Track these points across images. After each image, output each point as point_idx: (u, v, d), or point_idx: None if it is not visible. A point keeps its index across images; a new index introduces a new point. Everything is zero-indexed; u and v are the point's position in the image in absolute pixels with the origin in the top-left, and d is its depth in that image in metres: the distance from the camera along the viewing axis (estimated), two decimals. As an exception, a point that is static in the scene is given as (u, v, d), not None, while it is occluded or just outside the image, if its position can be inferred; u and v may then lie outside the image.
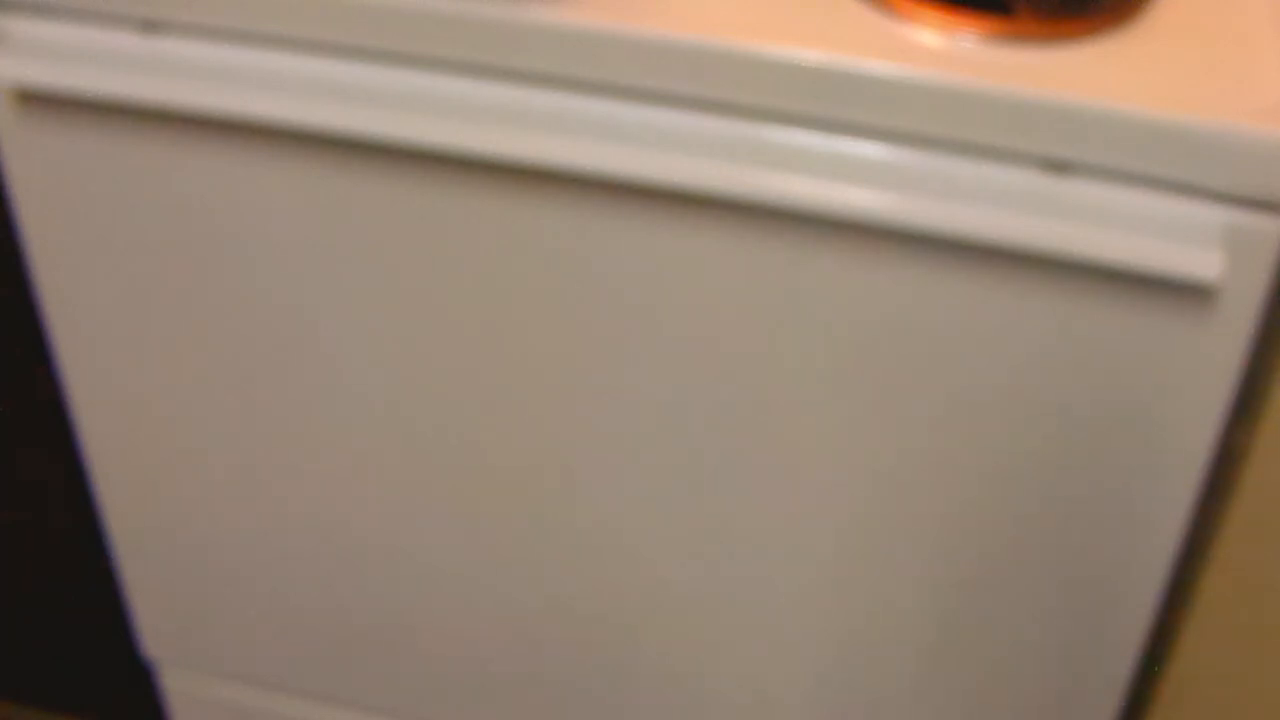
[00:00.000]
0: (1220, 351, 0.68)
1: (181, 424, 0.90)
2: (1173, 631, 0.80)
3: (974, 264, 0.69)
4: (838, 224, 0.69)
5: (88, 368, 0.89)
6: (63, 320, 0.87)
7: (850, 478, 0.78)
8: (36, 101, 0.77)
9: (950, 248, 0.69)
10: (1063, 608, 0.81)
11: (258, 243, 0.79)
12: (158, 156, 0.77)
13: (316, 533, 0.93)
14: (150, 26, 0.74)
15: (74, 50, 0.75)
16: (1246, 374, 0.71)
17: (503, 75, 0.70)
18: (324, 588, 0.96)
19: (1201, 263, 0.64)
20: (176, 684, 1.09)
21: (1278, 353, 0.68)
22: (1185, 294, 0.67)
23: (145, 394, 0.89)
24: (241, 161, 0.76)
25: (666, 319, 0.75)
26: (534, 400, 0.81)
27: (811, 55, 0.65)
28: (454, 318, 0.79)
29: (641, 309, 0.75)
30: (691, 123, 0.69)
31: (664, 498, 0.83)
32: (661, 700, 0.95)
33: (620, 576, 0.88)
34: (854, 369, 0.74)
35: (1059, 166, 0.66)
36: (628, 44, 0.67)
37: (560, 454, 0.83)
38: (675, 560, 0.86)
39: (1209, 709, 0.81)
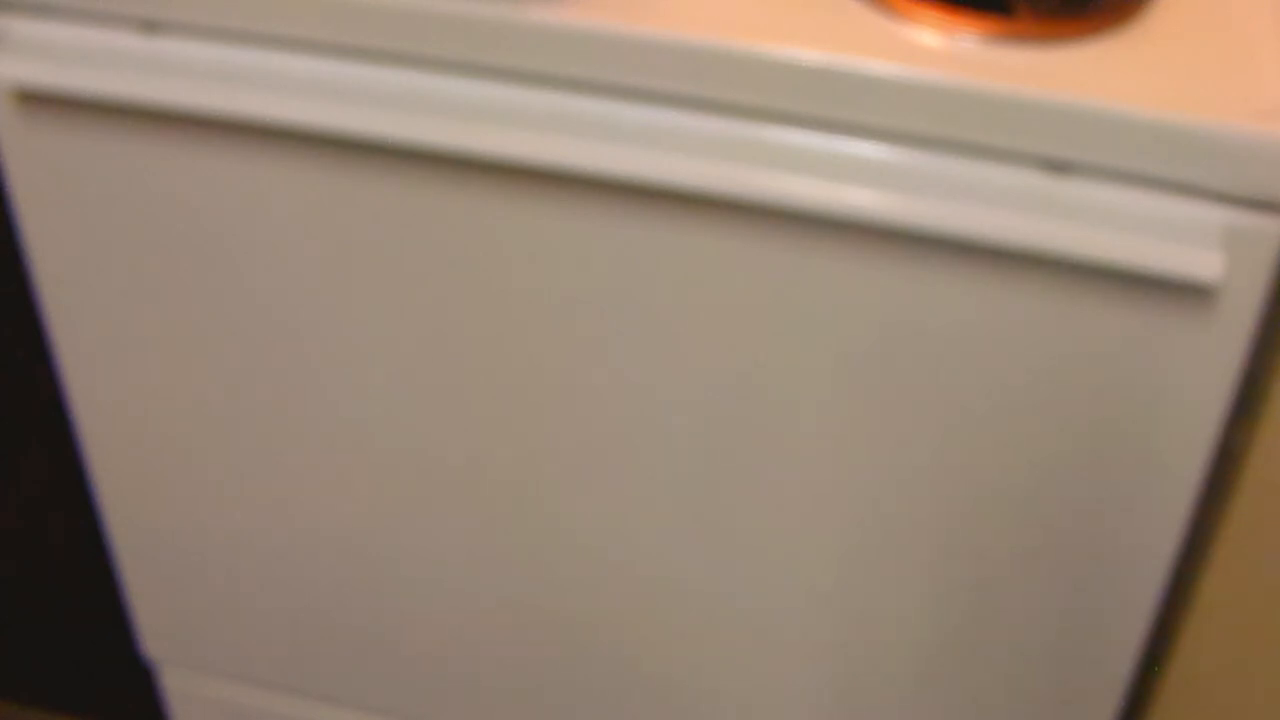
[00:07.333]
0: (1220, 351, 0.68)
1: (181, 425, 0.90)
2: (1173, 631, 0.80)
3: (974, 264, 0.69)
4: (837, 224, 0.69)
5: (88, 368, 0.89)
6: (63, 320, 0.87)
7: (850, 475, 0.78)
8: (36, 101, 0.77)
9: (950, 248, 0.68)
10: (1063, 608, 0.80)
11: (257, 242, 0.79)
12: (158, 156, 0.77)
13: (316, 533, 0.93)
14: (150, 26, 0.74)
15: (74, 50, 0.75)
16: (1246, 374, 0.71)
17: (503, 75, 0.70)
18: (324, 588, 0.96)
19: (1201, 263, 0.64)
20: (176, 684, 1.09)
21: (1278, 353, 0.68)
22: (1185, 294, 0.67)
23: (145, 394, 0.89)
24: (241, 161, 0.76)
25: (666, 319, 0.75)
26: (533, 400, 0.81)
27: (811, 55, 0.65)
28: (453, 318, 0.79)
29: (641, 309, 0.75)
30: (691, 123, 0.69)
31: (664, 499, 0.83)
32: (663, 701, 0.95)
33: (619, 579, 0.88)
34: (854, 368, 0.74)
35: (1059, 166, 0.66)
36: (628, 44, 0.67)
37: (559, 455, 0.83)
38: (675, 562, 0.86)
39: (1209, 709, 0.81)
